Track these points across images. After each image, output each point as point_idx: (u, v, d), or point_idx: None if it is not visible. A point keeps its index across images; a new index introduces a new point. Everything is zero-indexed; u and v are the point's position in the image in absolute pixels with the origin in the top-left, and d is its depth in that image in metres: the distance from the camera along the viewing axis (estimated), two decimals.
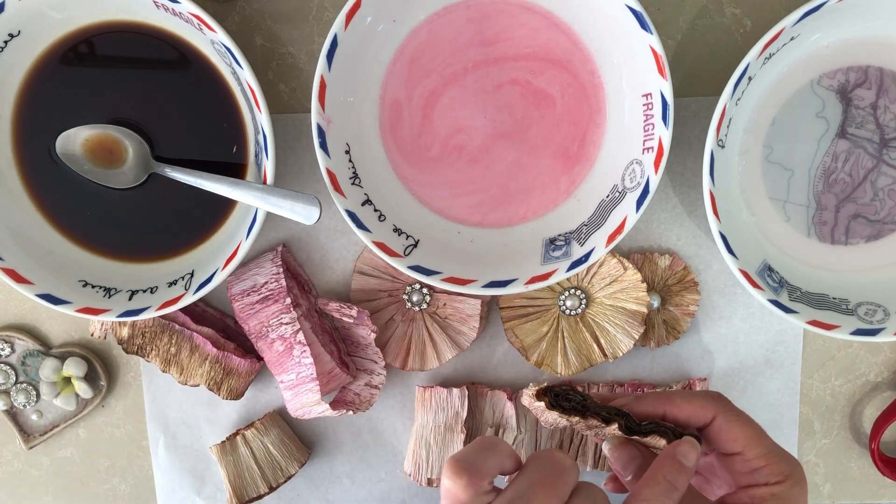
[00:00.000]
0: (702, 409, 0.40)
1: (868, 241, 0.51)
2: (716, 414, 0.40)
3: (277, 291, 0.51)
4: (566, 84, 0.49)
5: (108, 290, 0.51)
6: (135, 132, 0.50)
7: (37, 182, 0.51)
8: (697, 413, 0.40)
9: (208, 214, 0.51)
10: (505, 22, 0.49)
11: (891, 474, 0.54)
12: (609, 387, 0.54)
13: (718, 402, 0.40)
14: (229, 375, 0.52)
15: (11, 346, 0.56)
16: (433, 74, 0.50)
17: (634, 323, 0.52)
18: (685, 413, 0.40)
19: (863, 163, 0.50)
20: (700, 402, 0.40)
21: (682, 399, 0.40)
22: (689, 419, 0.40)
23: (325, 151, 0.47)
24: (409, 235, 0.50)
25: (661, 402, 0.40)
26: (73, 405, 0.56)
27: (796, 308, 0.48)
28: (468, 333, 0.53)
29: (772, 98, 0.50)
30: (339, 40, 0.46)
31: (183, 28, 0.48)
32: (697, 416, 0.40)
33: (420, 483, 0.53)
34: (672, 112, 0.45)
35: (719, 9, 0.51)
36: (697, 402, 0.40)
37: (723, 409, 0.40)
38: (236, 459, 0.53)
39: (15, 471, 0.58)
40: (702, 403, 0.40)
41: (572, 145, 0.50)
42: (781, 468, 0.39)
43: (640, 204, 0.46)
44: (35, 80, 0.50)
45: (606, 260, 0.52)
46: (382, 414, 0.56)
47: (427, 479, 0.53)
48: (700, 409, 0.40)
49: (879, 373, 0.55)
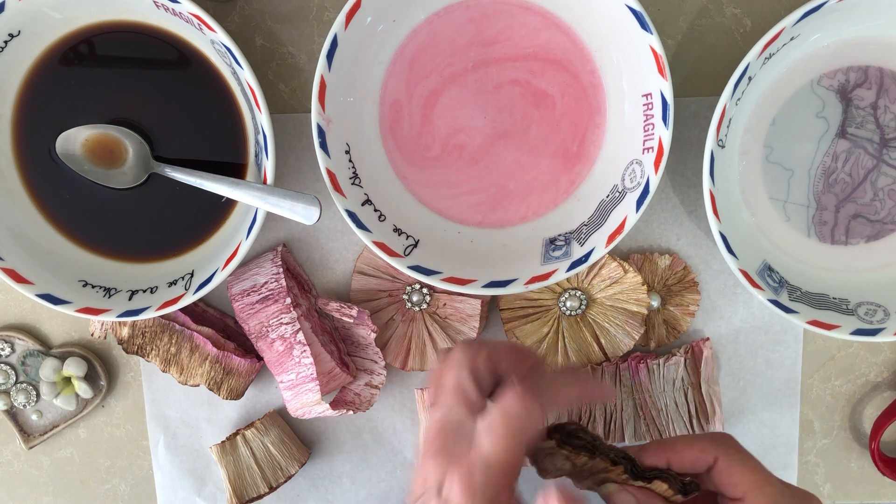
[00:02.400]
0: (703, 454, 0.38)
1: (868, 241, 0.51)
2: (717, 456, 0.38)
3: (277, 291, 0.51)
4: (566, 84, 0.49)
5: (108, 290, 0.51)
6: (135, 132, 0.50)
7: (37, 182, 0.51)
8: (699, 458, 0.39)
9: (208, 214, 0.51)
10: (505, 22, 0.49)
11: (891, 474, 0.54)
12: None
13: (720, 444, 0.39)
14: (229, 375, 0.52)
15: (11, 346, 0.56)
16: (433, 74, 0.50)
17: (634, 323, 0.52)
18: (688, 459, 0.39)
19: (863, 163, 0.50)
20: (701, 446, 0.39)
21: (684, 444, 0.39)
22: (693, 464, 0.39)
23: (325, 151, 0.47)
24: (409, 235, 0.50)
25: (663, 449, 0.39)
26: (73, 405, 0.56)
27: (796, 308, 0.48)
28: (468, 333, 0.53)
29: (772, 98, 0.50)
30: (340, 40, 0.46)
31: (183, 28, 0.48)
32: (700, 460, 0.39)
33: None
34: (672, 112, 0.45)
35: (719, 9, 0.51)
36: (698, 445, 0.39)
37: (724, 452, 0.38)
38: (236, 459, 0.53)
39: (15, 471, 0.58)
40: (703, 447, 0.39)
41: (572, 145, 0.50)
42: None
43: (640, 204, 0.46)
44: (35, 80, 0.50)
45: (606, 262, 0.52)
46: (382, 414, 0.56)
47: None
48: (701, 452, 0.39)
49: (879, 373, 0.55)
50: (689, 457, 0.39)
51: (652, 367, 0.53)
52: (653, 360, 0.53)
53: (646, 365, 0.53)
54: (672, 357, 0.53)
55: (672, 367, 0.53)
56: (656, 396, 0.54)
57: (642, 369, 0.53)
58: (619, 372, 0.53)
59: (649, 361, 0.53)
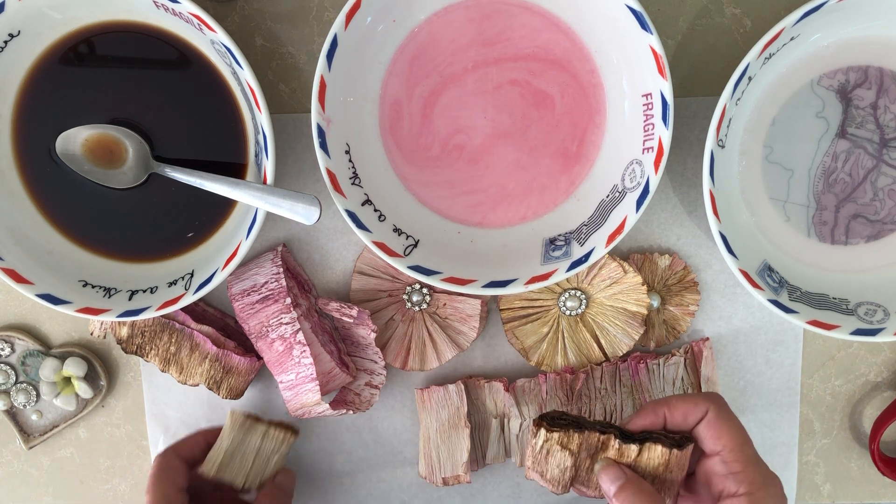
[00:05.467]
0: (696, 406, 0.41)
1: (868, 241, 0.51)
2: (708, 408, 0.41)
3: (277, 291, 0.51)
4: (566, 84, 0.49)
5: (108, 290, 0.51)
6: (135, 132, 0.50)
7: (37, 182, 0.51)
8: (692, 410, 0.41)
9: (208, 214, 0.51)
10: (505, 22, 0.49)
11: (891, 474, 0.54)
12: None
13: (712, 400, 0.42)
14: (229, 374, 0.52)
15: (11, 346, 0.56)
16: (433, 74, 0.50)
17: (634, 323, 0.52)
18: (681, 410, 0.41)
19: (863, 163, 0.50)
20: (695, 399, 0.42)
21: (679, 399, 0.42)
22: (686, 417, 0.41)
23: (325, 151, 0.47)
24: (409, 235, 0.50)
25: (658, 405, 0.42)
26: (73, 405, 0.56)
27: (796, 308, 0.48)
28: (468, 333, 0.53)
29: (772, 98, 0.50)
30: (339, 40, 0.46)
31: (183, 28, 0.48)
32: (692, 412, 0.41)
33: (435, 483, 0.53)
34: (672, 112, 0.45)
35: (719, 9, 0.51)
36: (692, 399, 0.42)
37: (715, 406, 0.41)
38: (243, 440, 0.51)
39: (15, 471, 0.58)
40: (696, 400, 0.41)
41: (572, 145, 0.50)
42: (755, 478, 0.39)
43: (640, 204, 0.46)
44: (35, 80, 0.50)
45: (606, 262, 0.52)
46: (382, 414, 0.56)
47: (442, 479, 0.53)
48: (694, 405, 0.41)
49: (879, 373, 0.55)
50: (683, 409, 0.41)
51: (652, 367, 0.53)
52: (653, 360, 0.53)
53: (646, 365, 0.53)
54: (672, 357, 0.53)
55: (672, 367, 0.53)
56: (656, 396, 0.54)
57: (642, 369, 0.53)
58: (619, 372, 0.53)
59: (649, 361, 0.53)
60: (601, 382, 0.53)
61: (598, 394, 0.53)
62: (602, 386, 0.54)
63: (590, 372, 0.53)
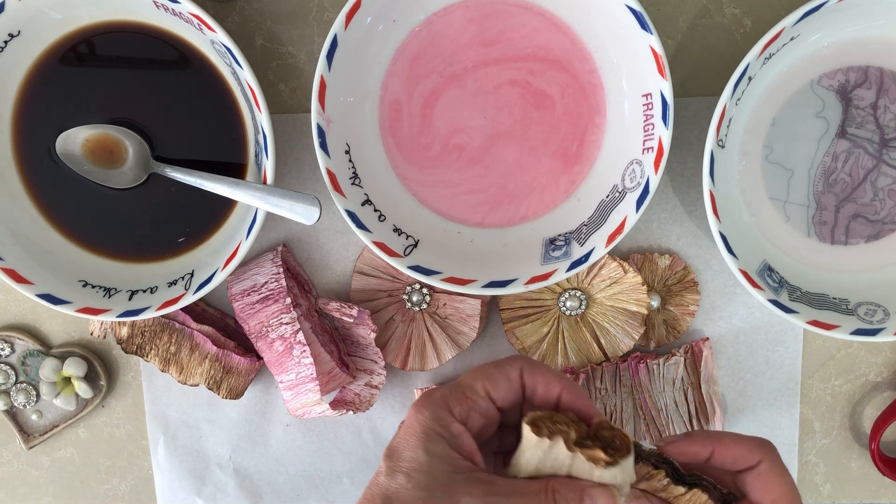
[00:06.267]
0: (750, 453, 0.38)
1: (868, 241, 0.51)
2: (762, 459, 0.38)
3: (277, 291, 0.51)
4: (566, 84, 0.49)
5: (108, 290, 0.51)
6: (135, 132, 0.50)
7: (37, 182, 0.51)
8: (745, 456, 0.39)
9: (208, 214, 0.51)
10: (505, 22, 0.49)
11: (891, 474, 0.54)
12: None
13: (766, 449, 0.39)
14: (229, 374, 0.52)
15: (11, 346, 0.56)
16: (433, 74, 0.50)
17: (634, 323, 0.52)
18: (732, 453, 0.39)
19: (863, 163, 0.50)
20: (749, 445, 0.39)
21: (731, 439, 0.39)
22: (736, 460, 0.39)
23: (325, 151, 0.47)
24: (409, 235, 0.50)
25: (710, 440, 0.39)
26: (73, 405, 0.56)
27: (796, 308, 0.48)
28: (468, 333, 0.53)
29: (772, 98, 0.50)
30: (339, 40, 0.46)
31: (183, 28, 0.48)
32: (744, 459, 0.39)
33: None
34: (672, 112, 0.45)
35: (719, 9, 0.51)
36: (746, 444, 0.39)
37: (769, 457, 0.39)
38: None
39: (15, 471, 0.58)
40: (751, 447, 0.39)
41: (572, 145, 0.50)
42: None
43: (640, 204, 0.46)
44: (35, 80, 0.50)
45: (606, 262, 0.52)
46: (382, 414, 0.56)
47: None
48: (748, 451, 0.39)
49: (879, 373, 0.55)
50: (735, 452, 0.39)
51: (652, 366, 0.53)
52: (653, 359, 0.53)
53: (646, 365, 0.53)
54: (672, 357, 0.53)
55: (672, 366, 0.53)
56: (656, 396, 0.54)
57: (642, 369, 0.53)
58: (619, 372, 0.53)
59: (649, 361, 0.53)
60: (601, 382, 0.53)
61: (598, 394, 0.53)
62: (602, 386, 0.54)
63: (590, 372, 0.53)
